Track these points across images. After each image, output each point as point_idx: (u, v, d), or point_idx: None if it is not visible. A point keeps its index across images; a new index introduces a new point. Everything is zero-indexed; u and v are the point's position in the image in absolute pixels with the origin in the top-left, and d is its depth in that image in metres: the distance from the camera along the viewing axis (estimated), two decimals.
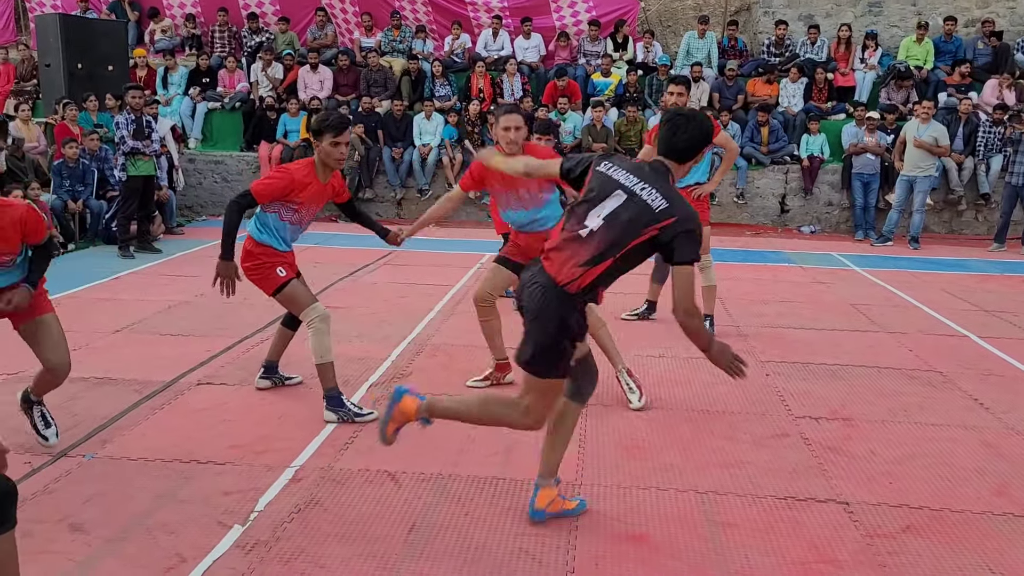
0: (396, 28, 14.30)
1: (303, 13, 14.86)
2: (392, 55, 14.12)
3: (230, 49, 14.44)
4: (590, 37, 14.06)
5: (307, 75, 13.59)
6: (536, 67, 13.96)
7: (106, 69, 12.50)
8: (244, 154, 13.23)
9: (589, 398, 3.58)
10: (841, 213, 12.46)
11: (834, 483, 3.98)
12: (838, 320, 7.12)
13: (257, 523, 3.46)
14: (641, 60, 13.84)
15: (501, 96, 13.34)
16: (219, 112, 13.62)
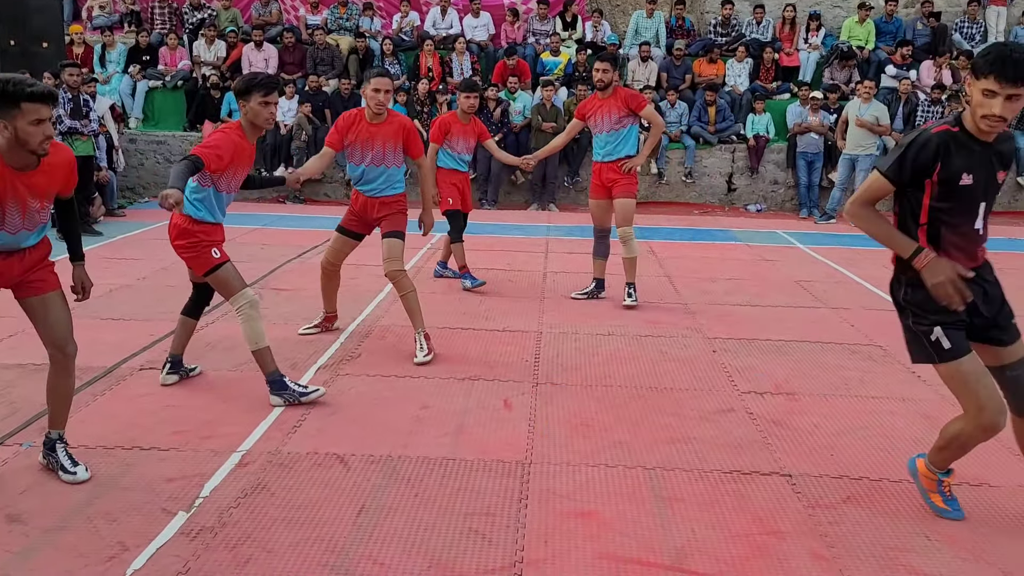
0: (343, 5, 14.07)
1: None
2: (339, 33, 13.90)
3: (171, 26, 14.06)
4: (539, 16, 14.00)
5: (251, 53, 13.31)
6: (485, 46, 13.87)
7: (40, 46, 12.09)
8: (187, 134, 12.94)
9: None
10: (786, 192, 12.66)
11: (778, 456, 4.06)
12: (783, 297, 7.25)
13: (202, 509, 3.41)
14: (590, 39, 13.84)
15: (450, 75, 13.23)
16: (160, 91, 13.28)
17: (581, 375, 5.16)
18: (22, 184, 3.34)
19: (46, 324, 3.60)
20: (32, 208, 3.43)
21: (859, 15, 13.48)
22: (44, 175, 3.41)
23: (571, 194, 12.59)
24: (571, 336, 5.94)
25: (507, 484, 3.71)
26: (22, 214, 3.41)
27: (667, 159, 12.55)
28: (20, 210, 3.39)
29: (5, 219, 3.37)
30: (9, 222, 3.39)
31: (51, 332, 3.60)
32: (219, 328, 5.93)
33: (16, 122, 3.19)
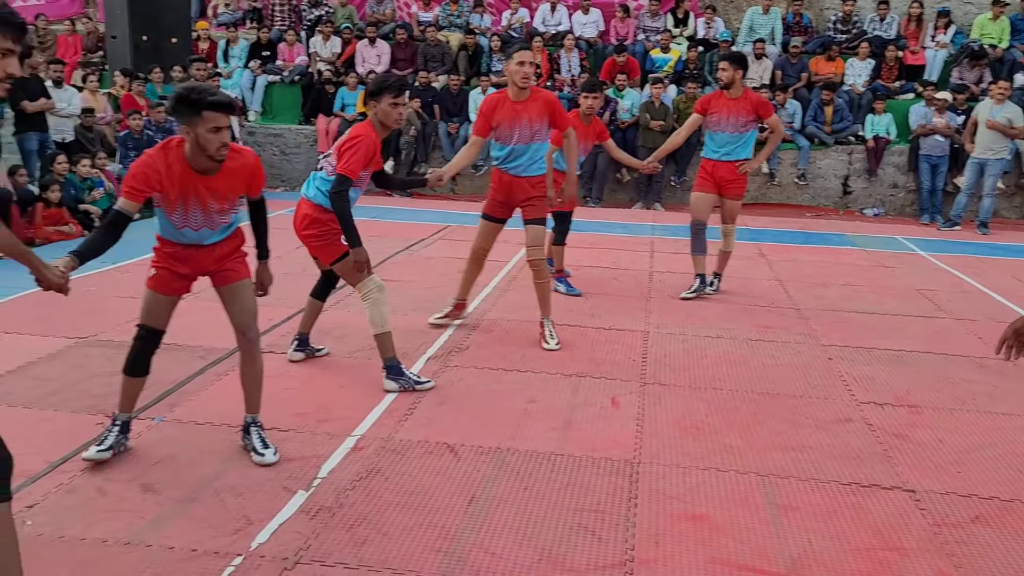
0: (454, 2, 14.25)
1: None
2: (449, 29, 14.08)
3: (290, 22, 14.54)
4: (650, 12, 13.84)
5: (365, 49, 13.63)
6: (594, 43, 13.79)
7: (170, 41, 12.69)
8: (302, 127, 13.36)
9: None
10: (907, 196, 12.13)
11: (900, 470, 3.90)
12: (903, 305, 6.95)
13: (320, 489, 3.52)
14: (702, 36, 13.58)
15: (558, 72, 13.22)
16: (278, 85, 13.75)
17: (690, 376, 5.08)
18: (203, 186, 3.53)
19: (232, 310, 3.81)
20: (212, 209, 3.61)
21: (993, 12, 12.77)
22: (224, 179, 3.58)
23: (677, 193, 12.40)
24: (679, 337, 5.86)
25: (616, 482, 3.69)
26: (204, 214, 3.60)
27: (779, 160, 12.21)
28: (202, 210, 3.58)
29: (188, 217, 3.59)
30: (192, 220, 3.60)
31: (236, 318, 3.81)
32: (332, 316, 6.10)
33: (197, 129, 3.38)
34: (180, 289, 3.79)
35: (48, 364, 4.95)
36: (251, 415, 3.90)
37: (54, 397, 4.45)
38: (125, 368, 3.76)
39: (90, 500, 3.39)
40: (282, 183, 13.23)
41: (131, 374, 3.76)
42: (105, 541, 3.09)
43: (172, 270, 3.71)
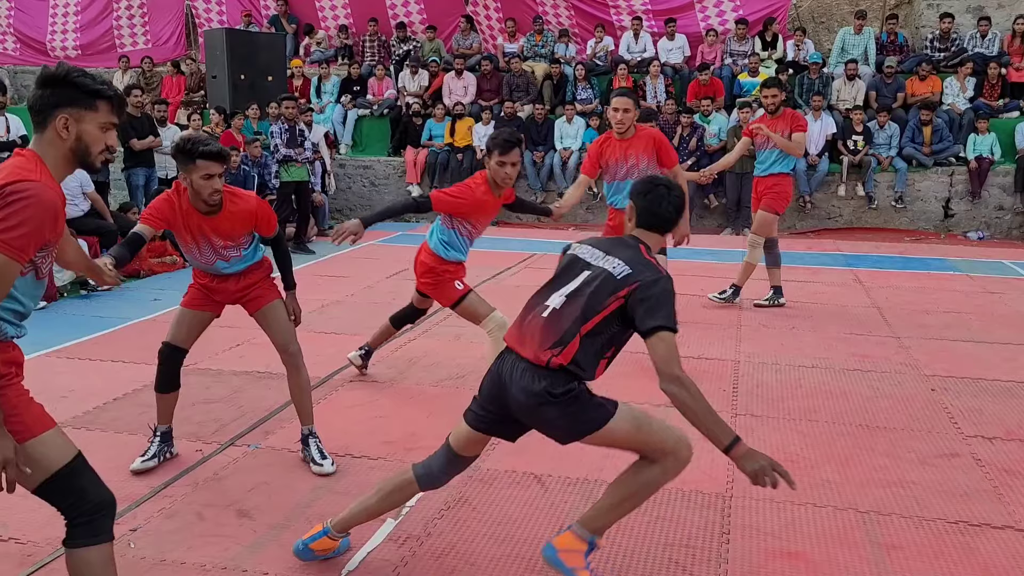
0: (539, 33, 14.41)
1: (449, 20, 15.22)
2: (534, 60, 14.23)
3: (379, 57, 14.97)
4: (737, 36, 13.68)
5: (452, 81, 13.90)
6: (680, 68, 13.71)
7: (266, 79, 13.22)
8: (391, 159, 13.68)
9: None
10: (1014, 218, 11.57)
11: (1012, 509, 3.68)
12: (1013, 334, 6.60)
13: (409, 518, 3.55)
14: (791, 59, 13.34)
15: (644, 99, 13.18)
16: (368, 118, 14.13)
17: (783, 408, 4.93)
18: (207, 226, 3.84)
19: (270, 330, 4.10)
20: (218, 245, 3.92)
21: None
22: (226, 220, 3.86)
23: None
24: (771, 367, 5.70)
25: (707, 516, 3.60)
26: (212, 249, 3.92)
27: (875, 183, 11.83)
28: (210, 245, 3.90)
29: (201, 251, 3.93)
30: (205, 254, 3.94)
31: (275, 337, 4.09)
32: (421, 345, 6.18)
33: (192, 175, 3.69)
34: (207, 306, 4.09)
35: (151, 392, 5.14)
36: (307, 427, 4.11)
37: None
38: (155, 386, 4.08)
39: (190, 525, 3.50)
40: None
41: (160, 391, 4.08)
42: (204, 566, 3.18)
43: (203, 291, 4.08)
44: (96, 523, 2.40)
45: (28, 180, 2.24)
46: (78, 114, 2.35)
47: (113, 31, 17.17)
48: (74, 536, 2.38)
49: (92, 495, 2.40)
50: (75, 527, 2.38)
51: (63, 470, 2.36)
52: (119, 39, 17.15)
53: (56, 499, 2.38)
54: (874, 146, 11.89)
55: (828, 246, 10.96)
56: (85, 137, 2.38)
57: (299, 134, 10.23)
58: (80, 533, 2.38)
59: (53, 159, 2.37)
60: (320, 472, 3.95)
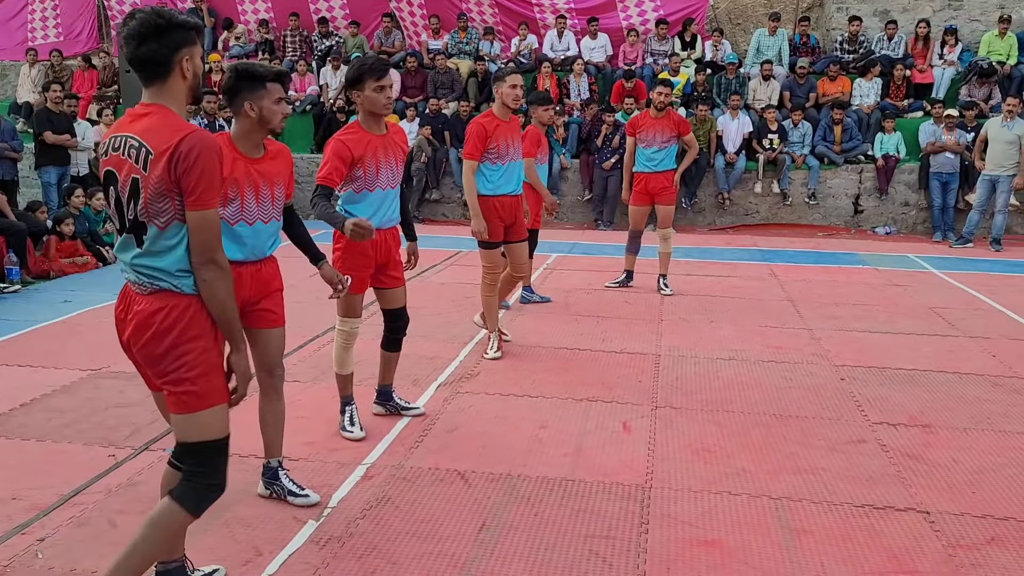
0: (463, 30, 14.40)
1: (372, 16, 15.09)
2: (459, 57, 14.22)
3: (301, 53, 14.74)
4: (657, 36, 13.93)
5: None
6: (603, 67, 13.89)
7: None
8: (315, 155, 13.47)
9: None
10: (918, 214, 12.09)
11: (914, 491, 3.86)
12: (916, 324, 6.91)
13: (331, 519, 3.52)
14: (709, 59, 13.65)
15: (568, 97, 13.31)
16: (290, 115, 13.88)
17: (701, 400, 5.06)
18: (255, 170, 3.44)
19: (263, 351, 3.58)
20: (264, 196, 3.47)
21: (999, 29, 12.78)
22: (270, 162, 3.51)
23: (688, 215, 12.42)
24: (690, 360, 5.84)
25: (627, 507, 3.67)
26: (257, 200, 3.45)
27: (790, 180, 12.21)
28: (255, 197, 3.44)
29: (243, 207, 3.41)
30: (247, 210, 3.43)
31: (265, 356, 3.59)
32: None
33: (262, 102, 3.34)
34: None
35: (61, 396, 5.00)
36: (275, 459, 3.72)
37: (68, 429, 4.48)
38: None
39: (102, 533, 3.41)
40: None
41: None
42: None
43: None
44: (203, 497, 2.65)
45: None
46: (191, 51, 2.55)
47: (27, 24, 16.49)
48: (182, 494, 2.61)
49: (220, 475, 2.67)
50: (188, 489, 2.62)
51: (218, 441, 2.62)
52: (31, 32, 16.48)
53: (193, 460, 2.62)
54: (788, 144, 12.27)
55: (746, 241, 11.27)
56: (198, 71, 2.59)
57: (219, 129, 10.01)
58: (188, 496, 2.61)
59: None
60: (306, 503, 3.61)
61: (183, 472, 2.66)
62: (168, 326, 2.51)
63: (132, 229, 2.52)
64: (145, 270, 2.52)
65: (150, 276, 2.52)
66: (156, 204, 2.46)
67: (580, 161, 12.69)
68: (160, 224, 2.48)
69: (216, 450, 2.62)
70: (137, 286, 2.56)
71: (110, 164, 2.54)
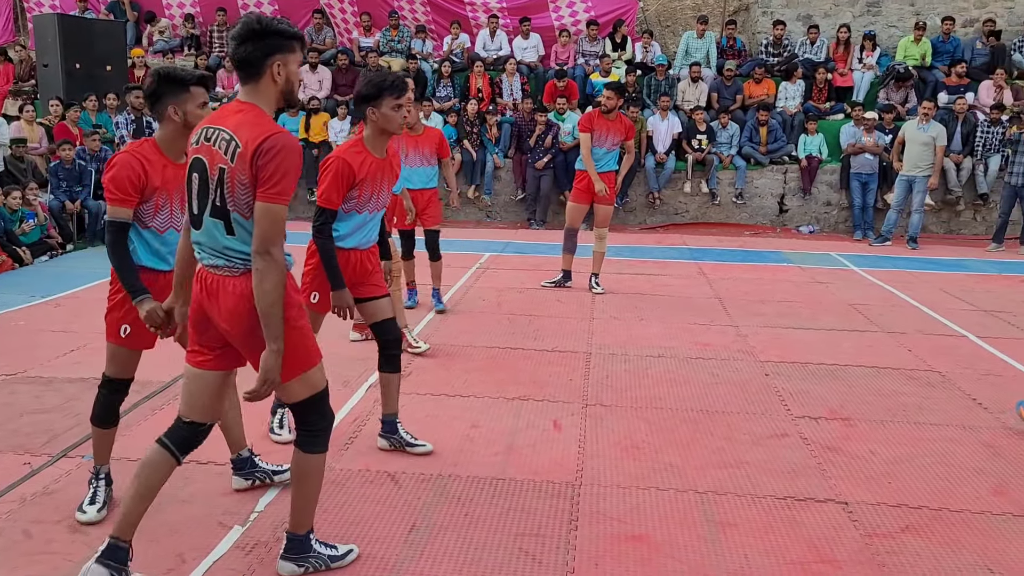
0: (395, 28, 14.30)
1: (302, 13, 14.86)
2: (391, 55, 14.12)
3: (229, 49, 14.42)
4: (589, 37, 14.06)
5: (306, 75, 13.57)
6: (535, 67, 13.96)
7: (104, 69, 12.50)
8: None
9: None
10: (840, 213, 12.48)
11: (833, 483, 3.99)
12: (837, 320, 7.14)
13: (257, 523, 3.47)
14: (640, 60, 13.84)
15: (500, 96, 13.34)
16: None
17: (631, 397, 5.13)
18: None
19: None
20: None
21: (915, 35, 13.28)
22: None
23: (620, 214, 12.55)
24: (621, 357, 5.92)
25: (557, 505, 3.71)
26: (182, 208, 3.36)
27: (718, 180, 12.47)
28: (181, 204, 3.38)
29: (172, 214, 3.37)
30: (175, 217, 3.38)
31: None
32: None
33: (186, 106, 3.32)
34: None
35: None
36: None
37: None
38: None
39: (15, 544, 3.29)
40: None
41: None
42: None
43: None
44: (326, 437, 3.02)
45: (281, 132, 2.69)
46: (284, 58, 2.76)
47: None
48: (310, 442, 2.98)
49: (331, 414, 3.03)
50: (311, 436, 2.97)
51: (324, 390, 2.97)
52: None
53: (312, 412, 2.95)
54: (717, 145, 12.53)
55: (675, 240, 11.47)
56: (292, 77, 2.80)
57: (147, 126, 9.74)
58: (317, 441, 2.98)
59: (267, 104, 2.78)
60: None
61: (301, 427, 2.99)
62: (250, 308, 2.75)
63: (220, 215, 2.73)
64: (236, 254, 2.75)
65: (244, 259, 2.75)
66: (241, 195, 2.70)
67: (513, 161, 12.74)
68: (245, 213, 2.71)
69: (324, 397, 2.98)
70: (225, 269, 2.78)
71: (200, 152, 2.76)
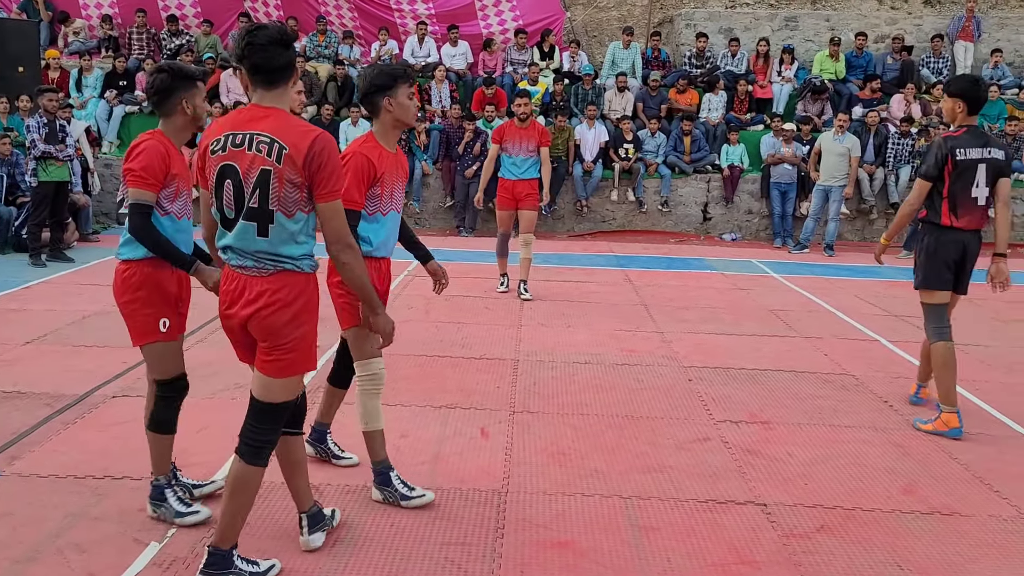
0: (322, 33, 14.14)
1: (226, 16, 14.58)
2: (318, 60, 13.95)
3: (148, 51, 14.06)
4: (517, 46, 14.15)
5: (230, 79, 13.31)
6: (463, 74, 13.97)
7: (16, 70, 12.02)
8: None
9: None
10: (760, 221, 12.82)
11: (753, 485, 4.09)
12: (758, 326, 7.32)
13: (175, 540, 3.37)
14: (567, 69, 13.99)
15: (429, 103, 13.31)
16: (138, 116, 13.23)
17: (558, 403, 5.17)
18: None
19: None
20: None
21: (830, 49, 13.76)
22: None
23: (548, 221, 12.65)
24: (548, 364, 5.96)
25: (484, 513, 3.71)
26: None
27: (644, 188, 12.67)
28: (188, 193, 3.60)
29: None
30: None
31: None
32: (197, 354, 5.87)
33: (195, 100, 3.51)
34: None
35: None
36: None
37: None
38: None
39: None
40: None
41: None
42: None
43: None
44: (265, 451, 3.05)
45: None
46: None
47: None
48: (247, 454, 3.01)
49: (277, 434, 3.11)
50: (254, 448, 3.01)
51: (292, 401, 3.08)
52: None
53: (268, 420, 3.02)
54: (644, 153, 12.74)
55: (603, 247, 11.62)
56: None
57: (60, 129, 9.39)
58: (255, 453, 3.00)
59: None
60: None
61: (246, 435, 3.02)
62: (291, 299, 2.91)
63: (254, 217, 2.85)
64: (268, 256, 2.88)
65: (274, 260, 2.89)
66: (289, 193, 2.84)
67: (442, 168, 12.72)
68: (288, 212, 2.86)
69: (288, 408, 3.05)
70: (255, 270, 2.90)
71: (229, 159, 2.85)
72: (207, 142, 2.93)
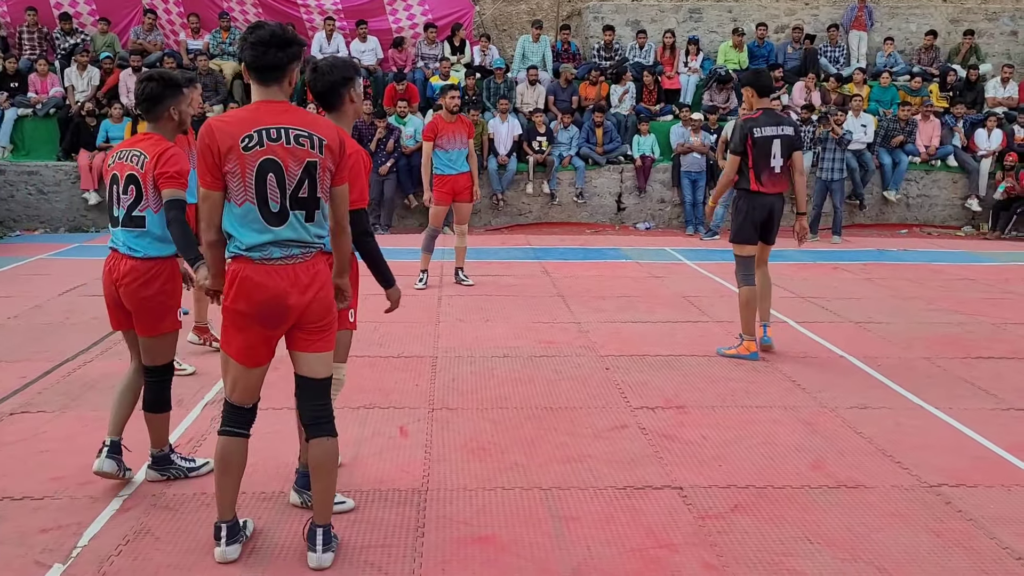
0: (225, 30, 13.77)
1: (124, 13, 14.05)
2: (222, 58, 13.58)
3: (41, 51, 13.44)
4: (427, 40, 14.06)
5: (129, 79, 12.83)
6: (374, 70, 13.80)
7: None
8: (61, 163, 12.37)
9: None
10: (673, 210, 13.07)
11: (669, 469, 4.17)
12: (671, 312, 7.47)
13: (80, 559, 3.24)
14: (478, 63, 13.97)
15: None
16: (31, 119, 12.66)
17: (477, 398, 5.17)
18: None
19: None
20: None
21: (733, 40, 14.10)
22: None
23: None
24: (467, 360, 5.95)
25: (404, 513, 3.68)
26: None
27: (558, 180, 12.77)
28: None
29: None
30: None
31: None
32: (99, 367, 5.66)
33: (181, 106, 3.92)
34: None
35: None
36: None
37: None
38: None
39: None
40: (41, 224, 12.20)
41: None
42: None
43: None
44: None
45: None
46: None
47: None
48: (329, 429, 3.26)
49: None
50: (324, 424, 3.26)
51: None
52: None
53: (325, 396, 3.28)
54: (557, 146, 12.83)
55: (519, 240, 11.67)
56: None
57: None
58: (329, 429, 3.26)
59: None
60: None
61: (321, 413, 3.24)
62: (329, 276, 3.22)
63: (304, 206, 3.03)
64: (312, 242, 3.09)
65: (314, 245, 3.10)
66: (327, 181, 3.09)
67: None
68: (326, 197, 3.11)
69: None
70: (301, 257, 3.06)
71: (269, 153, 2.96)
72: (227, 142, 2.93)
